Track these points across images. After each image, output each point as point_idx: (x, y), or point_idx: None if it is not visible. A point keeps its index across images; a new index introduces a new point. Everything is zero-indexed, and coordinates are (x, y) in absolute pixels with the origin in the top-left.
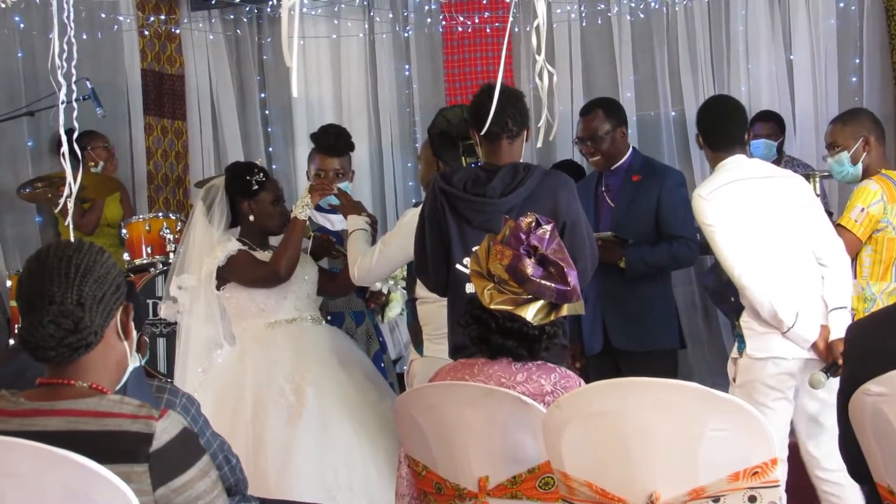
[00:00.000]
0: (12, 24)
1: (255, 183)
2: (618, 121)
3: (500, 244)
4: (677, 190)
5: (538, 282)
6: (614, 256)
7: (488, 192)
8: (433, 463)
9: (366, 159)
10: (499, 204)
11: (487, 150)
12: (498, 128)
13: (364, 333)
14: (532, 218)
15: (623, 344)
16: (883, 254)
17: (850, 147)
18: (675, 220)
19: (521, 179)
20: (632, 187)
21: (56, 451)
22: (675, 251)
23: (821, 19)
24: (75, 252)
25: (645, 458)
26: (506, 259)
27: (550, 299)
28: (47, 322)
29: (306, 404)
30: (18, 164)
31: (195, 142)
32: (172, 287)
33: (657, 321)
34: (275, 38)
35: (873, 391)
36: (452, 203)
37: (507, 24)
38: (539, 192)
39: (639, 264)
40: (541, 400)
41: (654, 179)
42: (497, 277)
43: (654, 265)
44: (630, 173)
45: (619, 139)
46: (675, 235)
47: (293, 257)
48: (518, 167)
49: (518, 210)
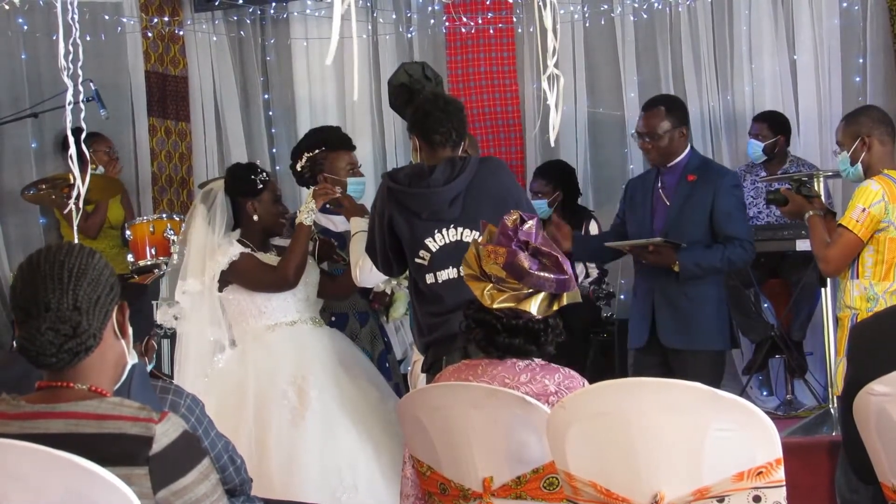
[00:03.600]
0: (16, 26)
1: (259, 182)
2: (679, 120)
3: (490, 245)
4: (732, 191)
5: (537, 274)
6: (668, 260)
7: (432, 182)
8: (437, 463)
9: (369, 159)
10: (443, 192)
11: (428, 153)
12: (443, 137)
13: (368, 334)
14: (516, 215)
15: (672, 342)
16: (885, 254)
17: (849, 147)
18: (730, 221)
19: (461, 167)
20: (687, 186)
21: (57, 454)
22: (730, 254)
23: (824, 19)
24: (67, 256)
25: (649, 458)
26: (501, 258)
27: (551, 290)
28: (45, 329)
29: (309, 406)
30: (22, 166)
31: (199, 143)
32: (178, 292)
33: (708, 321)
34: (278, 40)
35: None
36: (399, 199)
37: (510, 25)
38: (481, 177)
39: (693, 268)
40: (545, 400)
41: (709, 180)
42: (494, 277)
43: (708, 268)
44: (686, 172)
45: (677, 138)
46: (730, 236)
47: (301, 264)
48: (454, 159)
49: (464, 196)
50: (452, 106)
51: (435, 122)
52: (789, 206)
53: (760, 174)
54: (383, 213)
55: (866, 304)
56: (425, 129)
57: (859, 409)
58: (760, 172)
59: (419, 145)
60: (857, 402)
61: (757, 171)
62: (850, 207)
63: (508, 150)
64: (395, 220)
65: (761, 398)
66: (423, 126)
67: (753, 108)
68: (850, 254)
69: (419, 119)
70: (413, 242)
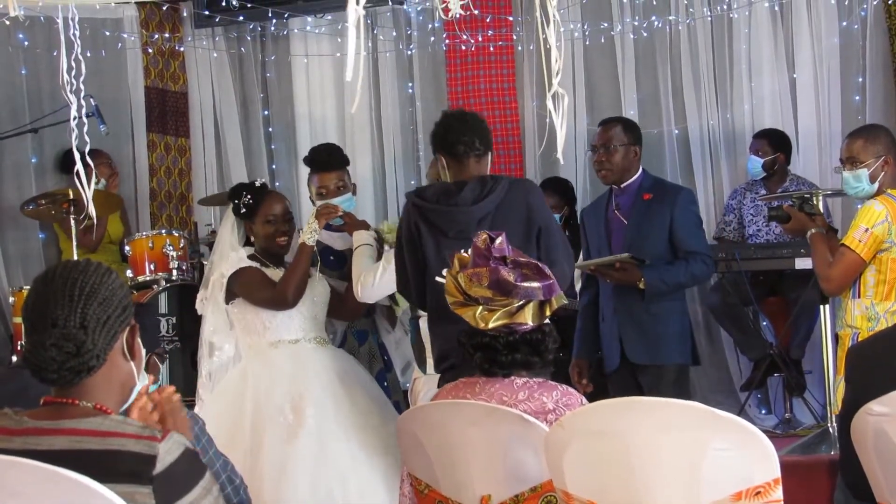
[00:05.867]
0: (16, 41)
1: (242, 206)
2: (634, 138)
3: (468, 269)
4: (689, 207)
5: (524, 285)
6: (633, 277)
7: (460, 201)
8: (435, 481)
9: (369, 176)
10: (472, 211)
11: (456, 169)
12: (466, 146)
13: (367, 352)
14: (484, 235)
15: (638, 357)
16: (887, 274)
17: (871, 165)
18: (690, 237)
19: (491, 187)
20: (644, 205)
21: (59, 471)
22: (692, 268)
23: (823, 38)
24: (81, 274)
25: (647, 477)
26: (484, 278)
27: (540, 297)
28: (49, 345)
29: (304, 424)
30: (22, 181)
31: (198, 159)
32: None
33: (670, 336)
34: (278, 56)
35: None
36: (426, 216)
37: (510, 43)
38: (510, 199)
39: (658, 284)
40: (543, 418)
41: (665, 198)
42: (482, 298)
43: (673, 284)
44: (641, 192)
45: (631, 156)
46: (691, 251)
47: (301, 284)
48: (485, 178)
49: (492, 216)
50: (472, 117)
51: (456, 134)
52: (791, 224)
53: (760, 192)
54: (411, 233)
55: (867, 324)
56: (447, 142)
57: (857, 428)
58: (760, 190)
59: (446, 162)
60: (856, 421)
61: (757, 189)
62: (853, 227)
63: (508, 166)
64: (422, 237)
65: (760, 417)
66: (444, 140)
67: (753, 126)
68: (853, 274)
69: (440, 134)
70: (438, 260)
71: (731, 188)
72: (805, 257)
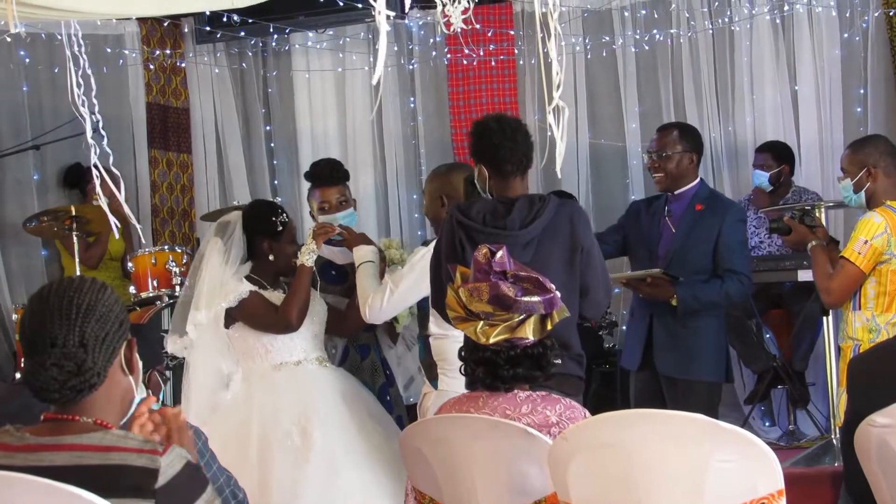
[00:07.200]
0: (17, 58)
1: (279, 224)
2: (690, 146)
3: (469, 284)
4: (738, 225)
5: (524, 300)
6: (665, 294)
7: (508, 224)
8: (439, 495)
9: (371, 191)
10: (519, 236)
11: (500, 184)
12: (515, 167)
13: (369, 367)
14: (485, 249)
15: (667, 369)
16: (887, 285)
17: (854, 175)
18: (732, 254)
19: (539, 210)
20: (694, 215)
21: (61, 487)
22: (727, 288)
23: (825, 50)
24: (76, 292)
25: (651, 489)
26: (484, 293)
27: (541, 311)
28: (50, 365)
29: (313, 447)
30: (24, 198)
31: (200, 174)
32: (189, 324)
33: (704, 350)
34: (280, 72)
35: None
36: (471, 235)
37: (512, 57)
38: (556, 222)
39: (691, 301)
40: (546, 431)
41: (717, 211)
42: (483, 313)
43: (707, 302)
44: (695, 202)
45: (685, 163)
46: (729, 269)
47: (304, 306)
48: (533, 199)
49: (538, 240)
50: (521, 134)
51: (507, 153)
52: (792, 236)
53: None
54: (455, 250)
55: (868, 335)
56: (496, 161)
57: (860, 440)
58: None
59: (488, 174)
60: (859, 433)
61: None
62: (852, 239)
63: None
64: (467, 256)
65: (763, 429)
66: (493, 158)
67: (755, 138)
68: (853, 286)
69: (488, 151)
70: None
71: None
72: (807, 269)
